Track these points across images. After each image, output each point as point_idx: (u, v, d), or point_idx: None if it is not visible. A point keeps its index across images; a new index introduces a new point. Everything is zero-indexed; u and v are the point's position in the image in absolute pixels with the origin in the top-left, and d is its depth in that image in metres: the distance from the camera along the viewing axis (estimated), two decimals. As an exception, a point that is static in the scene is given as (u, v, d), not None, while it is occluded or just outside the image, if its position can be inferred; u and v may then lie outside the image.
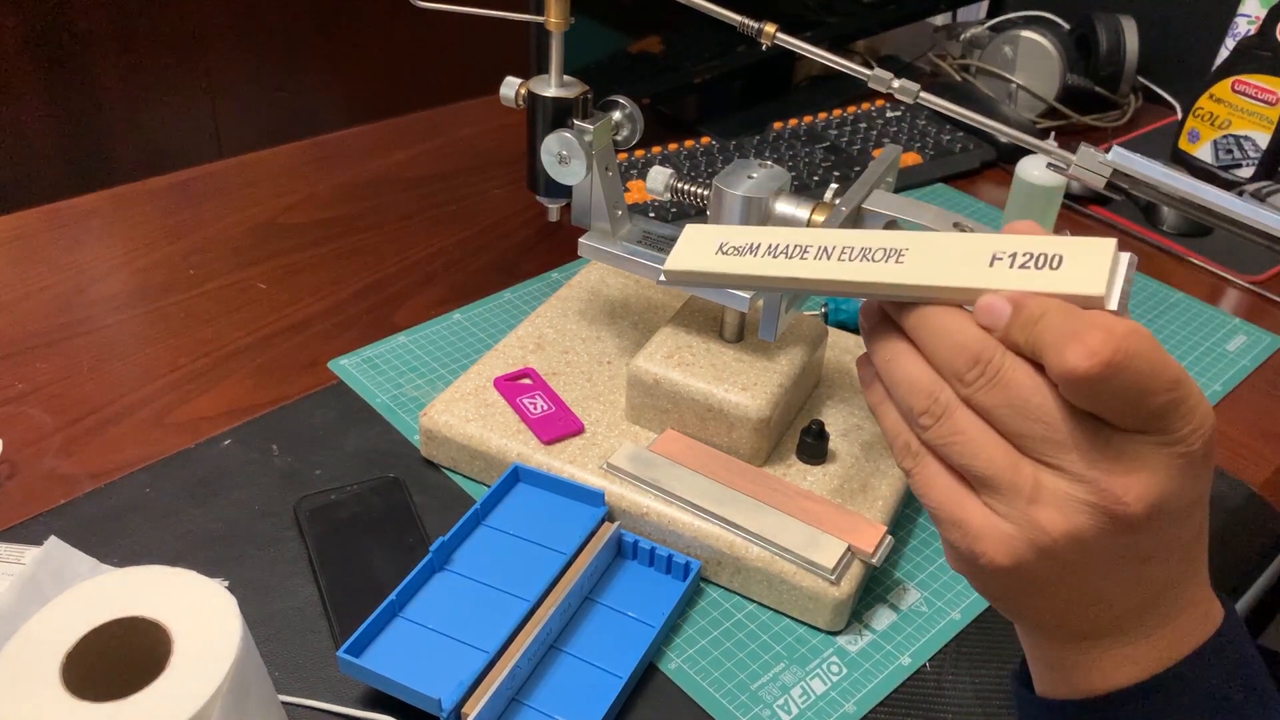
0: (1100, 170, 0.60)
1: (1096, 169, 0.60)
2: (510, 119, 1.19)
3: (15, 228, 0.94)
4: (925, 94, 0.61)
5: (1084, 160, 0.60)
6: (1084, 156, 0.60)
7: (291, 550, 0.65)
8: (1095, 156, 0.60)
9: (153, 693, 0.41)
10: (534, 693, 0.56)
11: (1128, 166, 0.59)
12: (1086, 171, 0.60)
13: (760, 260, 0.43)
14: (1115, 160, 0.60)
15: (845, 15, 1.25)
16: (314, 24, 1.87)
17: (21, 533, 0.64)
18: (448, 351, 0.82)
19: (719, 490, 0.64)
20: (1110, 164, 0.60)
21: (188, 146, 1.80)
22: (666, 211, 0.98)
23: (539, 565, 0.62)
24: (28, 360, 0.79)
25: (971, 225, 0.64)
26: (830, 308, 0.86)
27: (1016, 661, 0.46)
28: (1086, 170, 0.60)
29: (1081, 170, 0.60)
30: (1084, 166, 0.60)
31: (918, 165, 1.11)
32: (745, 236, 0.44)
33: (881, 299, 0.40)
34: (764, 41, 0.62)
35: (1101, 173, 0.60)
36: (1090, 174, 0.60)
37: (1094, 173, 0.60)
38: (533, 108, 0.68)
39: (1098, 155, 0.60)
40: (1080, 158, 0.60)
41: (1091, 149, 0.61)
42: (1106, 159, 0.60)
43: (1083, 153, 0.60)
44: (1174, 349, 0.88)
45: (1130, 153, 0.60)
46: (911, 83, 0.61)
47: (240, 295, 0.88)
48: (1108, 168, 0.60)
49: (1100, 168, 0.60)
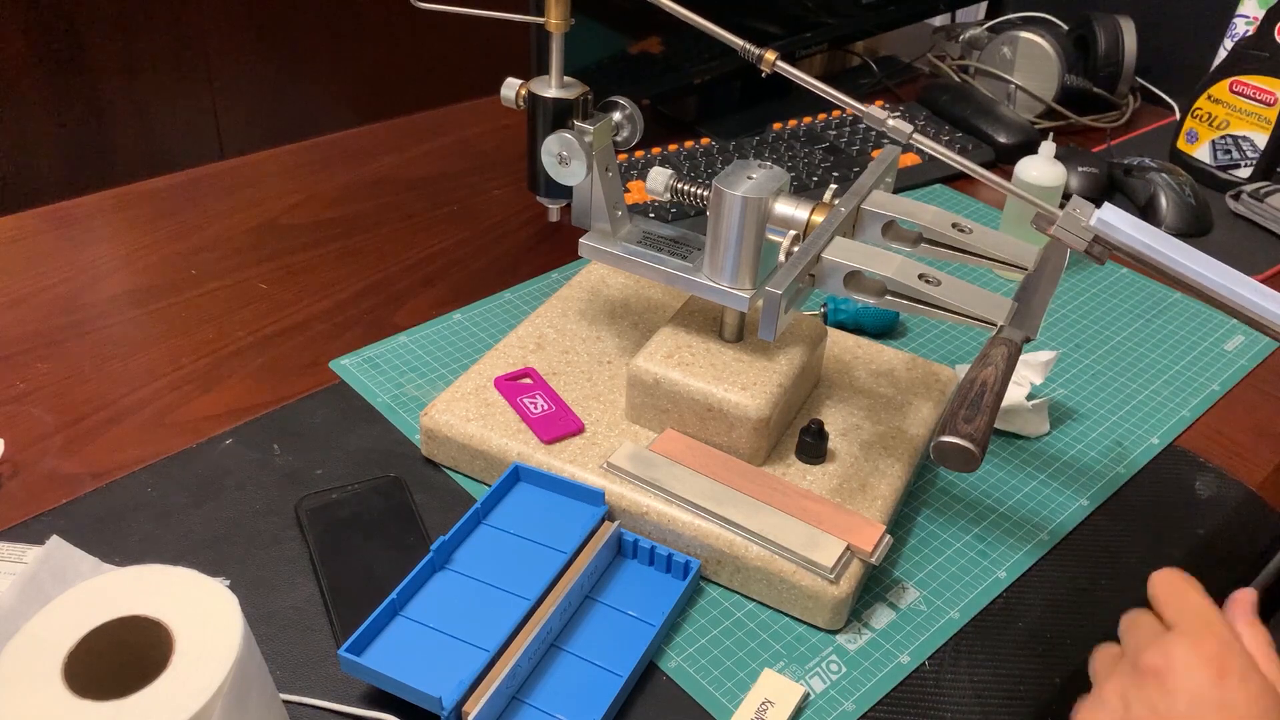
0: (1082, 235, 0.60)
1: (1079, 234, 0.60)
2: (511, 120, 1.19)
3: (17, 228, 0.95)
4: (918, 136, 0.62)
5: (1067, 223, 0.60)
6: (1068, 219, 0.60)
7: (292, 549, 0.65)
8: (1078, 220, 0.60)
9: (154, 691, 0.41)
10: (534, 691, 0.56)
11: (1108, 235, 0.60)
12: (1068, 234, 0.60)
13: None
14: (1098, 227, 0.60)
15: (844, 16, 1.25)
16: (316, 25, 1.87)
17: (23, 532, 0.64)
18: (448, 351, 0.82)
19: (719, 490, 0.64)
20: (1092, 230, 0.60)
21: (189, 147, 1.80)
22: (666, 212, 0.98)
23: (539, 564, 0.62)
24: (30, 360, 0.79)
25: (970, 225, 0.64)
26: (830, 308, 0.87)
27: None
28: (1068, 233, 0.60)
29: (1063, 232, 0.60)
30: (1066, 229, 0.60)
31: (917, 166, 1.11)
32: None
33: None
34: (764, 69, 0.63)
35: (1083, 237, 0.60)
36: (1072, 237, 0.60)
37: (1076, 236, 0.60)
38: (533, 108, 0.68)
39: (1081, 218, 0.60)
40: (1064, 220, 0.60)
41: (1079, 208, 0.61)
42: (1089, 224, 0.60)
43: (1067, 215, 0.60)
44: (1172, 349, 0.89)
45: (1119, 215, 0.60)
46: (904, 123, 0.62)
47: (242, 295, 0.88)
48: (1089, 233, 0.60)
49: (1082, 232, 0.60)
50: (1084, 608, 0.65)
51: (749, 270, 0.65)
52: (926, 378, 0.75)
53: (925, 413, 0.73)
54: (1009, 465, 0.75)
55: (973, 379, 0.56)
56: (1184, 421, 0.81)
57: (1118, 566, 0.68)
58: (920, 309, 0.60)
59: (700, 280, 0.67)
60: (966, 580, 0.66)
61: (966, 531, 0.70)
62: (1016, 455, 0.76)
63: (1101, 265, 0.71)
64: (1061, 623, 0.64)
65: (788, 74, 0.63)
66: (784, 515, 0.63)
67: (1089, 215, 0.60)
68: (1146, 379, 0.85)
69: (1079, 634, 0.63)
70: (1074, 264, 1.00)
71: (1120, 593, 0.66)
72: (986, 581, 0.66)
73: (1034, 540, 0.69)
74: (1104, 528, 0.71)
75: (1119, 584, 0.67)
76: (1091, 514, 0.72)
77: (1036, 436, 0.78)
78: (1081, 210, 0.60)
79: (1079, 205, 0.61)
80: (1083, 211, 0.60)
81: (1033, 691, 0.60)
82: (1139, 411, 0.81)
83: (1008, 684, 0.60)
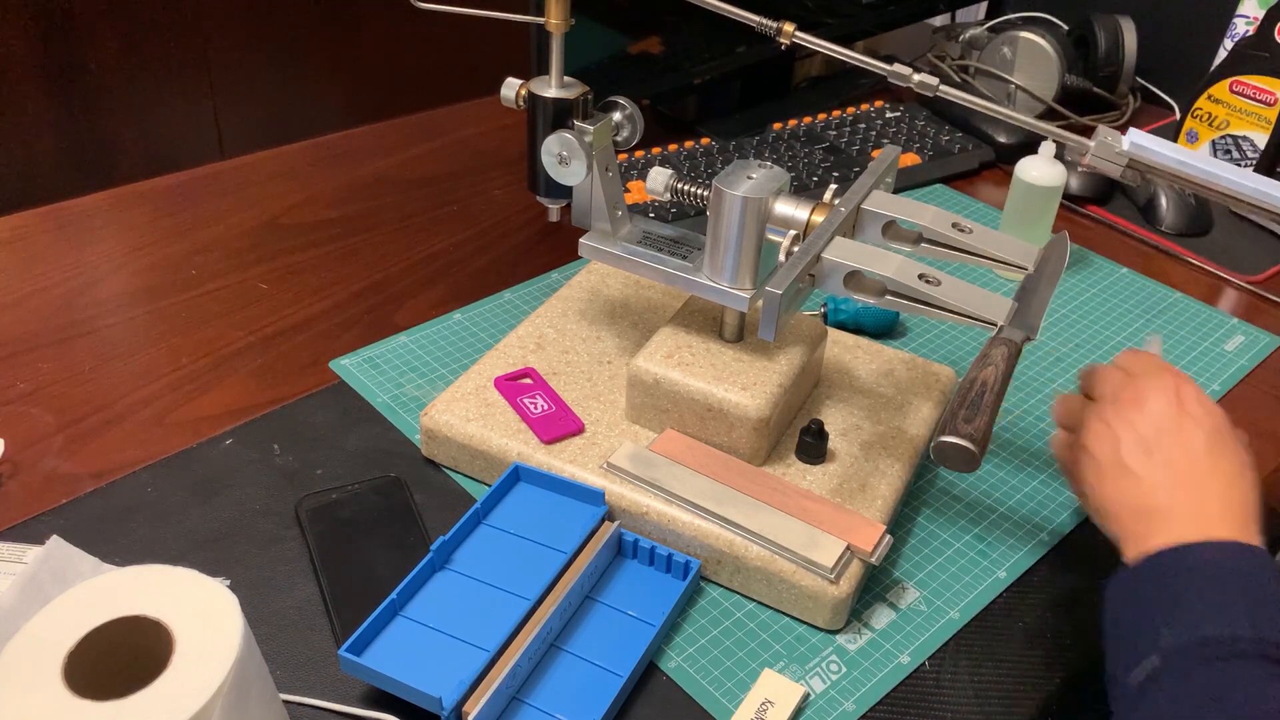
0: (1117, 160, 0.60)
1: (1113, 159, 0.60)
2: (511, 120, 1.19)
3: (17, 228, 0.95)
4: (945, 88, 0.62)
5: (1101, 151, 0.60)
6: (1101, 148, 0.60)
7: (292, 549, 0.65)
8: (1111, 147, 0.60)
9: (154, 691, 0.41)
10: (534, 691, 0.56)
11: (1144, 156, 0.60)
12: (1103, 161, 0.60)
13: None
14: (1132, 150, 0.60)
15: (845, 16, 1.25)
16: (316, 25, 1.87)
17: (23, 532, 0.64)
18: (448, 351, 0.82)
19: (719, 490, 0.64)
20: (1126, 154, 0.60)
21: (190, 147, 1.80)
22: (666, 212, 0.98)
23: (539, 564, 0.62)
24: (30, 360, 0.79)
25: (970, 225, 0.64)
26: (830, 308, 0.87)
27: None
28: (1103, 160, 0.60)
29: (1098, 160, 0.60)
30: (1101, 156, 0.60)
31: (917, 166, 1.11)
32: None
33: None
34: (783, 41, 0.63)
35: (1118, 162, 0.60)
36: (1107, 164, 0.61)
37: (1111, 163, 0.61)
38: (533, 108, 0.68)
39: (1114, 144, 0.60)
40: (1097, 149, 0.60)
41: (1110, 132, 0.61)
42: (1122, 148, 0.60)
43: (1100, 144, 0.60)
44: (1172, 349, 0.89)
45: (1147, 137, 0.60)
46: (930, 77, 0.62)
47: (242, 295, 0.88)
48: (1124, 158, 0.60)
49: (1117, 158, 0.60)
50: (1084, 608, 0.65)
51: (749, 270, 0.65)
52: (926, 378, 0.75)
53: (925, 413, 0.73)
54: (1009, 465, 0.75)
55: (973, 379, 0.56)
56: (1184, 421, 0.80)
57: (1118, 566, 0.68)
58: (920, 309, 0.60)
59: (700, 280, 0.67)
60: (966, 580, 0.66)
61: (966, 531, 0.70)
62: (1016, 455, 0.76)
63: (1136, 187, 0.74)
64: (1061, 623, 0.64)
65: (807, 43, 0.63)
66: (784, 515, 0.63)
67: (1121, 142, 0.60)
68: (1146, 379, 0.85)
69: (1079, 634, 0.63)
70: (1074, 264, 1.00)
71: (1120, 593, 0.66)
72: (986, 581, 0.66)
73: (1034, 540, 0.69)
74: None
75: (1119, 584, 0.67)
76: (1091, 514, 0.72)
77: None
78: (1113, 138, 0.61)
79: (1108, 133, 0.61)
80: (1114, 139, 0.61)
81: (1033, 691, 0.60)
82: (1139, 411, 0.81)
83: (1008, 684, 0.60)
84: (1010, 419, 0.80)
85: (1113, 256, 1.01)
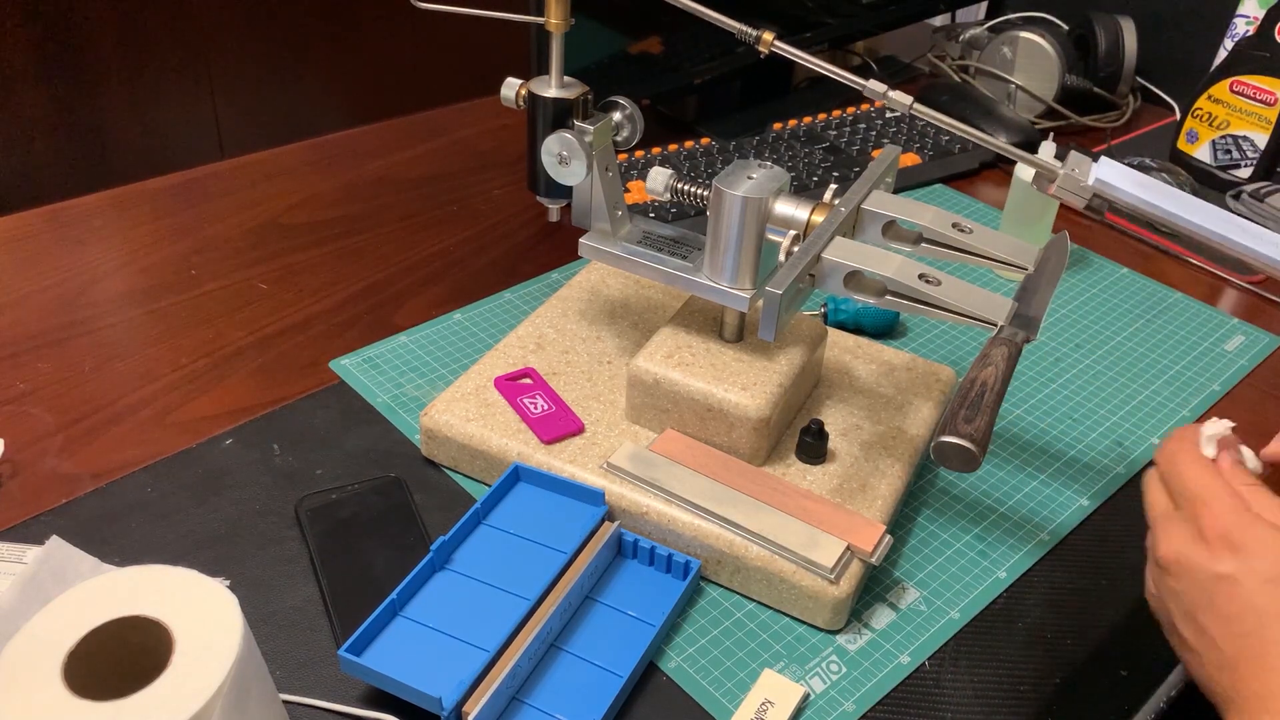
0: (1081, 194, 0.60)
1: (1077, 191, 0.60)
2: (510, 120, 1.19)
3: (17, 228, 0.95)
4: (918, 105, 0.62)
5: (1066, 183, 0.60)
6: (1067, 180, 0.60)
7: (292, 549, 0.65)
8: (1077, 180, 0.60)
9: (154, 691, 0.41)
10: (534, 691, 0.56)
11: (1108, 192, 0.60)
12: (1068, 193, 0.60)
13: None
14: (1096, 186, 0.59)
15: (845, 17, 1.25)
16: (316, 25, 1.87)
17: (23, 532, 0.64)
18: (448, 351, 0.82)
19: (719, 490, 0.64)
20: (1090, 189, 0.60)
21: (190, 147, 1.81)
22: (666, 212, 0.98)
23: (539, 564, 0.62)
24: (29, 360, 0.79)
25: (970, 225, 0.64)
26: (830, 308, 0.87)
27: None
28: (1068, 192, 0.60)
29: (1063, 192, 0.60)
30: (1066, 188, 0.60)
31: (917, 166, 1.11)
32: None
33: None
34: (761, 49, 0.63)
35: (1083, 195, 0.60)
36: (1071, 196, 0.60)
37: (1075, 195, 0.60)
38: (533, 108, 0.68)
39: (1080, 176, 0.60)
40: (1063, 180, 0.60)
41: (1080, 161, 0.60)
42: (1088, 181, 0.60)
43: (1066, 176, 0.60)
44: (1172, 349, 0.89)
45: (1117, 169, 0.60)
46: (904, 95, 0.62)
47: (241, 295, 0.88)
48: (1088, 191, 0.60)
49: (1082, 190, 0.60)
50: (1084, 608, 0.65)
51: (749, 270, 0.65)
52: (926, 378, 0.75)
53: (925, 413, 0.73)
54: (1009, 465, 0.75)
55: (973, 379, 0.56)
56: (1184, 421, 0.81)
57: (1118, 566, 0.68)
58: (920, 309, 0.60)
59: (700, 280, 0.67)
60: (966, 580, 0.66)
61: (966, 531, 0.70)
62: (1016, 455, 0.76)
63: (1101, 218, 0.72)
64: (1061, 623, 0.64)
65: (785, 53, 0.63)
66: (784, 515, 0.63)
67: (1088, 173, 0.60)
68: (1146, 379, 0.85)
69: (1079, 634, 0.63)
70: (1074, 264, 1.00)
71: (1120, 593, 0.66)
72: (986, 581, 0.66)
73: (1034, 540, 0.69)
74: (1104, 528, 0.71)
75: (1119, 584, 0.67)
76: (1091, 514, 0.72)
77: None
78: (1080, 168, 0.60)
79: (1077, 163, 0.60)
80: (1081, 170, 0.60)
81: (1033, 691, 0.60)
82: (1139, 411, 0.81)
83: (1008, 684, 0.60)
84: (1010, 419, 0.80)
85: (1113, 256, 1.01)
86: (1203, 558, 0.47)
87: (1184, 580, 0.48)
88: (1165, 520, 0.50)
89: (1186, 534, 0.48)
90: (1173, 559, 0.48)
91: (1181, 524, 0.49)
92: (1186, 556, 0.48)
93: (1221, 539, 0.47)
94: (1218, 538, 0.47)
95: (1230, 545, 0.46)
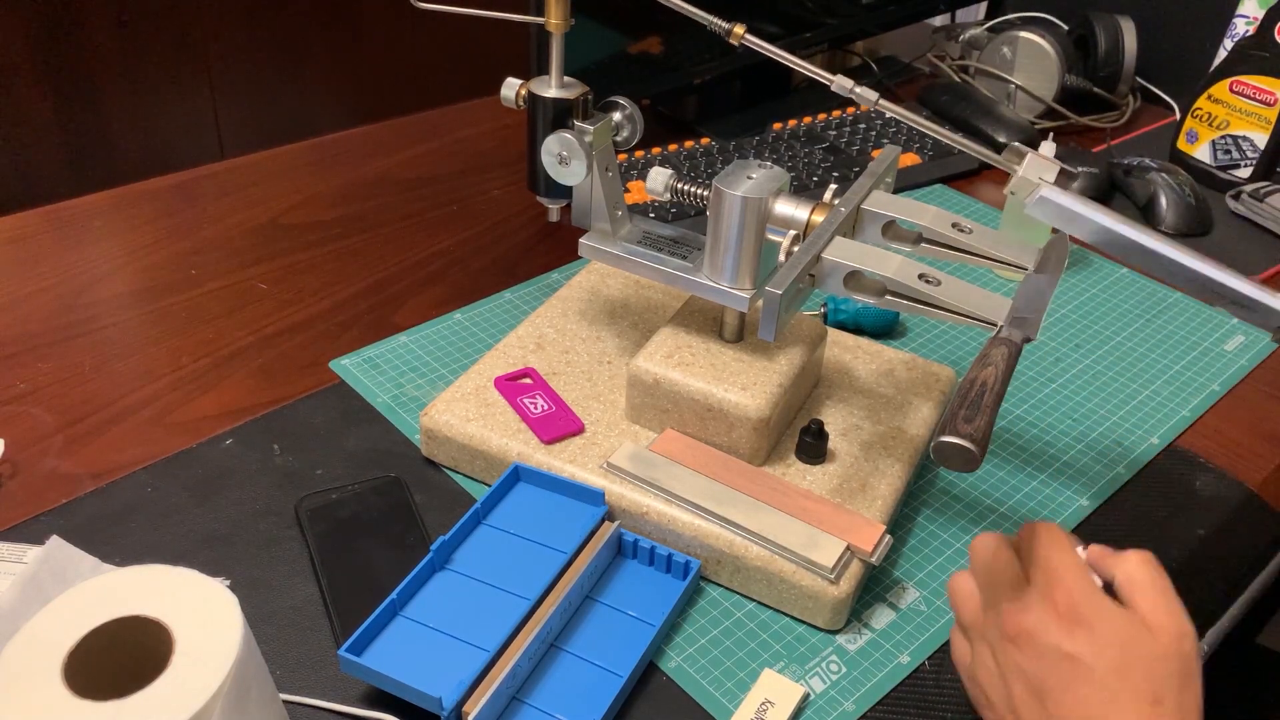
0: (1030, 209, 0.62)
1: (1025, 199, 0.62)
2: (510, 120, 1.19)
3: (17, 228, 0.95)
4: (883, 101, 0.63)
5: (1019, 185, 0.62)
6: (1021, 182, 0.62)
7: (292, 549, 0.65)
8: (1029, 180, 0.61)
9: (154, 691, 0.41)
10: (534, 691, 0.56)
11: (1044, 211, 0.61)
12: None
13: None
14: (1034, 207, 0.61)
15: (844, 17, 1.25)
16: (315, 25, 1.87)
17: (23, 532, 0.64)
18: (448, 351, 0.82)
19: (719, 490, 0.64)
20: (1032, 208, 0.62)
21: (189, 147, 1.80)
22: (666, 212, 0.98)
23: (539, 564, 0.62)
24: (29, 360, 0.79)
25: (970, 225, 0.64)
26: (830, 308, 0.87)
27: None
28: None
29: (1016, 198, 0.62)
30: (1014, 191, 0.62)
31: (917, 166, 1.11)
32: None
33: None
34: (733, 42, 0.63)
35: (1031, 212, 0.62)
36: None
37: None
38: (533, 108, 0.68)
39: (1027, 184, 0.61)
40: (1017, 181, 0.62)
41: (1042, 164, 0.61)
42: (1028, 202, 0.61)
43: (1021, 175, 0.62)
44: (1171, 349, 0.89)
45: (1061, 195, 0.61)
46: (870, 91, 0.62)
47: (241, 295, 0.88)
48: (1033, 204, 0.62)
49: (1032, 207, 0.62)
50: (1084, 608, 0.65)
51: (749, 270, 0.65)
52: (926, 378, 0.75)
53: (925, 413, 0.73)
54: (1009, 465, 0.75)
55: (973, 379, 0.56)
56: (1184, 421, 0.81)
57: None
58: (920, 309, 0.60)
59: (700, 280, 0.67)
60: (966, 580, 0.66)
61: (966, 531, 0.70)
62: (1016, 455, 0.76)
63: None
64: (1061, 623, 0.64)
65: (756, 46, 0.63)
66: (784, 515, 0.63)
67: (1033, 196, 0.61)
68: (1146, 379, 0.85)
69: (1079, 634, 0.63)
70: (1074, 264, 1.00)
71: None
72: (986, 581, 0.66)
73: (1034, 540, 0.69)
74: (1104, 528, 0.71)
75: (1119, 584, 0.67)
76: (1091, 514, 0.72)
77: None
78: (1040, 170, 0.62)
79: (1038, 166, 0.62)
80: (1037, 176, 0.62)
81: (1033, 691, 0.60)
82: (1139, 411, 0.81)
83: None
84: (1010, 419, 0.80)
85: (1113, 256, 1.01)
86: (1053, 634, 0.46)
87: (1029, 654, 0.47)
88: (1014, 590, 0.49)
89: (1039, 608, 0.47)
90: (1021, 631, 0.47)
91: (1033, 596, 0.48)
92: (1038, 631, 0.47)
93: (1071, 613, 0.46)
94: (1069, 611, 0.46)
95: (1080, 621, 0.46)
